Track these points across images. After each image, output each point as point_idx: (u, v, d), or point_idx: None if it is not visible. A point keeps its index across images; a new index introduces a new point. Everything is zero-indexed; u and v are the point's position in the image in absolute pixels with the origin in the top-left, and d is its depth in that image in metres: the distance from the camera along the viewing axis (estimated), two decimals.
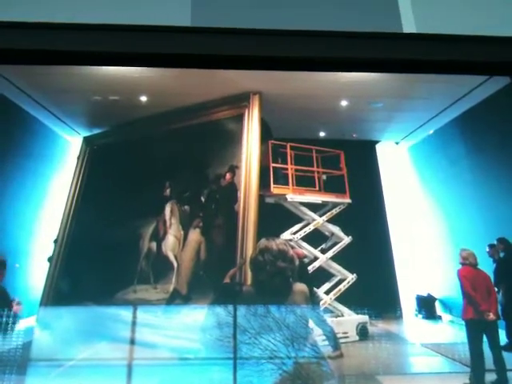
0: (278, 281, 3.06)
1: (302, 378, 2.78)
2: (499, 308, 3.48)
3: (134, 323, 3.48)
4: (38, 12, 3.11)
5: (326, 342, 3.10)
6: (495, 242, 3.75)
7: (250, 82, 4.31)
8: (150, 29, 2.98)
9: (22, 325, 3.30)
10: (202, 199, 4.70)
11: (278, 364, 2.84)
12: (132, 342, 3.38)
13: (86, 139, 5.07)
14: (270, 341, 2.90)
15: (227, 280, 3.42)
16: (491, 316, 3.35)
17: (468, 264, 3.54)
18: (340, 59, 3.08)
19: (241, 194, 4.43)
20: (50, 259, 4.40)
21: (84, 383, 2.93)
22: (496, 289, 3.55)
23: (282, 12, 3.45)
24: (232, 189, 4.55)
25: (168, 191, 4.77)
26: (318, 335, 3.10)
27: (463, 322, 3.47)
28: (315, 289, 3.74)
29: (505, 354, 3.32)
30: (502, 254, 3.72)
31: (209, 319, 3.12)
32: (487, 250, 3.75)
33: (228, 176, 4.63)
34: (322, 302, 4.18)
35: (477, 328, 3.36)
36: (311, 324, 3.06)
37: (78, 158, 5.03)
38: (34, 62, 3.02)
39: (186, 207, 4.72)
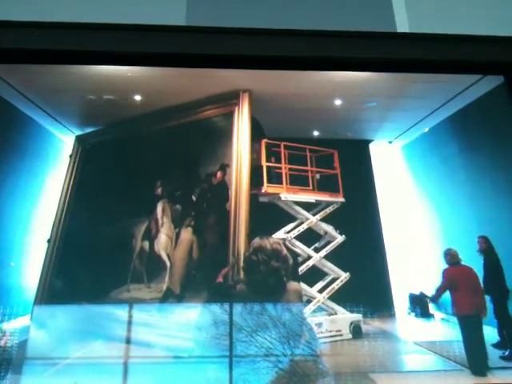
0: (272, 280, 3.07)
1: (297, 375, 2.79)
2: (491, 306, 3.56)
3: (128, 322, 3.48)
4: (31, 11, 3.09)
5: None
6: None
7: (241, 81, 4.31)
8: (144, 28, 2.97)
9: (17, 323, 3.30)
10: (194, 198, 4.69)
11: (273, 362, 2.84)
12: (127, 340, 3.38)
13: (78, 138, 5.05)
14: (266, 338, 2.91)
15: (220, 279, 3.42)
16: (474, 312, 3.47)
17: (450, 263, 3.70)
18: (333, 58, 3.09)
19: (232, 193, 4.43)
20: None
21: (79, 381, 2.93)
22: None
23: (276, 11, 3.46)
24: (223, 187, 4.55)
25: (159, 190, 4.76)
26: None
27: (455, 320, 3.53)
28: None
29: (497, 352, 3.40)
30: (481, 253, 3.76)
31: (204, 318, 3.12)
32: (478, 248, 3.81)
33: (219, 175, 4.63)
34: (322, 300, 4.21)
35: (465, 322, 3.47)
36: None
37: (71, 157, 5.01)
38: (27, 61, 3.01)
39: (178, 206, 4.71)
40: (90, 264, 4.15)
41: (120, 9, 3.18)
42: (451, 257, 3.73)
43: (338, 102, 4.40)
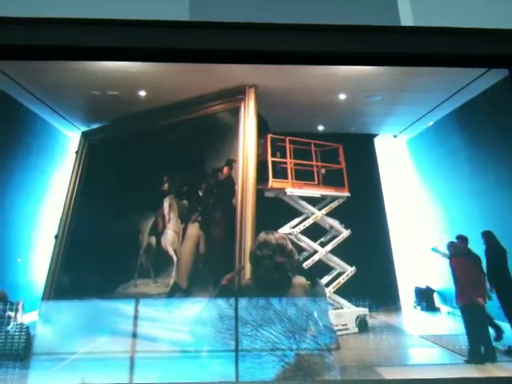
0: (277, 275, 3.08)
1: (303, 369, 2.80)
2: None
3: (135, 317, 3.49)
4: (35, 7, 3.10)
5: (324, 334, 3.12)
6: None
7: (246, 76, 4.32)
8: (147, 23, 2.98)
9: (25, 319, 3.33)
10: (200, 193, 4.70)
11: (279, 356, 2.85)
12: (133, 335, 3.40)
13: (84, 134, 5.05)
14: (272, 333, 2.92)
15: (224, 282, 3.43)
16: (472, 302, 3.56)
17: (453, 255, 3.81)
18: (337, 53, 3.08)
19: (238, 188, 4.44)
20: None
21: (87, 376, 2.95)
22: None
23: (279, 6, 3.45)
24: (229, 183, 4.55)
25: (166, 186, 4.76)
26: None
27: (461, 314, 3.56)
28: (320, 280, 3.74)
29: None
30: (484, 248, 3.76)
31: (210, 312, 3.14)
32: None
33: (225, 170, 4.63)
34: (328, 294, 4.20)
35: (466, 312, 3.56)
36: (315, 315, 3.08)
37: (77, 153, 5.02)
38: (33, 58, 3.03)
39: (185, 201, 4.72)
40: (98, 259, 4.17)
41: (122, 4, 3.20)
42: (453, 248, 3.79)
43: (342, 97, 4.40)
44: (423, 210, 4.75)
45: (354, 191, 4.71)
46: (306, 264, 4.36)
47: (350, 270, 4.45)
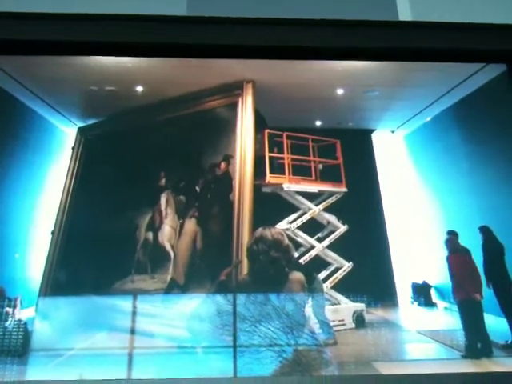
0: (273, 271, 3.09)
1: (301, 364, 2.81)
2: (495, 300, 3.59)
3: (133, 313, 3.49)
4: (32, 2, 3.09)
5: (321, 330, 3.13)
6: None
7: (244, 71, 4.30)
8: (144, 18, 2.97)
9: (23, 315, 3.33)
10: (197, 189, 4.69)
11: (277, 351, 2.85)
12: (131, 331, 3.39)
13: (80, 129, 5.02)
14: (270, 329, 2.92)
15: (223, 277, 3.43)
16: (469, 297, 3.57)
17: (454, 251, 3.81)
18: (335, 48, 3.08)
19: (236, 183, 4.43)
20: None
21: (84, 372, 2.95)
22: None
23: (277, 0, 3.45)
24: (227, 178, 4.54)
25: (163, 181, 4.74)
26: (313, 323, 3.13)
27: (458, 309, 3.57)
28: (317, 275, 3.74)
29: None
30: (482, 243, 3.77)
31: (207, 308, 3.14)
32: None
33: (223, 165, 4.61)
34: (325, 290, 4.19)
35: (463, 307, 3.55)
36: (309, 311, 3.09)
37: (73, 149, 5.00)
38: (29, 53, 3.01)
39: (182, 197, 4.70)
40: (94, 255, 4.16)
41: None
42: (451, 244, 3.80)
43: (340, 92, 4.39)
44: (421, 206, 4.75)
45: (352, 187, 4.69)
46: (304, 259, 4.36)
47: (347, 266, 4.44)
